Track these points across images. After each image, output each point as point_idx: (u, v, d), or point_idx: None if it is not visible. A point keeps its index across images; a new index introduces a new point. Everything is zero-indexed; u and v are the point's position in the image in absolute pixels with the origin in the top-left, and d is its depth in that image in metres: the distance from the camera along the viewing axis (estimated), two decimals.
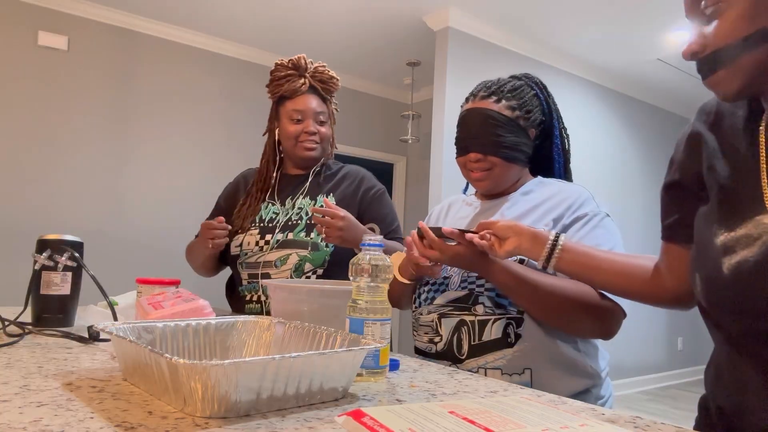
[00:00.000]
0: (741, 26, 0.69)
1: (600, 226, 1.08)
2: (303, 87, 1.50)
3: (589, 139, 4.42)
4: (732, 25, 0.70)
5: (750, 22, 0.68)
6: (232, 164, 4.06)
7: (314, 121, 1.51)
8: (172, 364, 0.56)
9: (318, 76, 1.53)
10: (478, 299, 1.07)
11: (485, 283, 1.08)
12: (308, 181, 1.55)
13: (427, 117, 4.78)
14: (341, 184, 1.55)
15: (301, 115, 1.50)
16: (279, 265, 1.44)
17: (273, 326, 0.87)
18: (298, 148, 1.52)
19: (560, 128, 1.23)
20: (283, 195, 1.56)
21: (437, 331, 1.12)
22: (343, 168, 1.61)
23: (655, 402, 4.35)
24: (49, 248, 1.13)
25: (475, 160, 1.15)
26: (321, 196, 1.51)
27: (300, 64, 1.52)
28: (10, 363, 0.77)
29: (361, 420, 0.52)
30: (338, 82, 1.56)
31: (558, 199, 1.13)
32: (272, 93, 1.54)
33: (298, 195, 1.54)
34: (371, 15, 3.64)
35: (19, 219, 3.35)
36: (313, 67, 1.54)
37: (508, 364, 1.04)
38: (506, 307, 1.05)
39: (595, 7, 3.43)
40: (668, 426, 0.61)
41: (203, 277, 1.69)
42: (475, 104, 1.17)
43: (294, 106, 1.50)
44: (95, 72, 3.63)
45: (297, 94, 1.50)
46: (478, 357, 1.05)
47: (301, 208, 1.50)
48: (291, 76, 1.51)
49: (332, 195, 1.51)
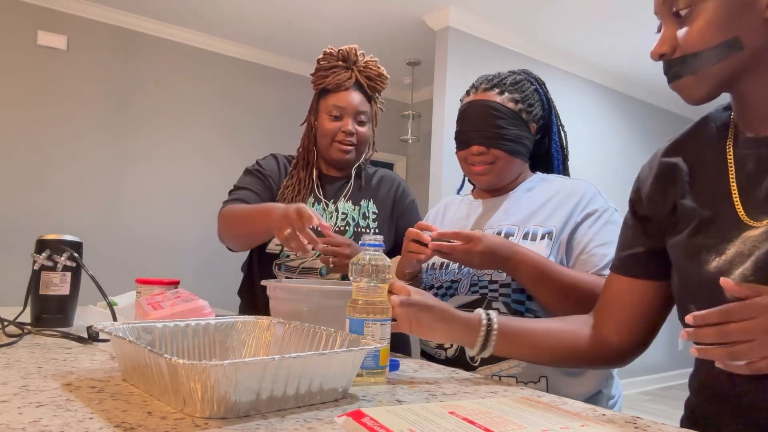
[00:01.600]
0: (712, 34, 0.69)
1: (611, 222, 1.07)
2: (348, 82, 1.40)
3: (592, 139, 4.41)
4: (703, 32, 0.69)
5: (721, 31, 0.68)
6: (232, 164, 4.05)
7: (354, 120, 1.41)
8: (172, 364, 0.56)
9: (366, 72, 1.43)
10: (492, 305, 1.05)
11: (499, 288, 1.05)
12: (350, 184, 1.48)
13: (427, 117, 4.78)
14: (380, 189, 1.50)
15: (340, 112, 1.40)
16: (325, 273, 1.36)
17: (273, 326, 0.87)
18: (333, 148, 1.42)
19: (558, 125, 1.22)
20: (326, 195, 1.47)
21: None
22: (377, 171, 1.55)
23: (655, 402, 4.35)
24: (48, 248, 1.13)
25: (477, 153, 1.13)
26: (364, 202, 1.45)
27: (350, 56, 1.41)
28: (10, 363, 0.77)
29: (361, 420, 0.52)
30: (387, 81, 1.47)
31: (564, 195, 1.11)
32: (315, 84, 1.44)
33: (340, 198, 1.46)
34: (371, 15, 3.64)
35: (18, 219, 3.35)
36: (363, 60, 1.43)
37: (523, 372, 1.02)
38: (523, 313, 1.04)
39: (595, 7, 3.43)
40: (668, 426, 0.61)
41: (231, 247, 1.40)
42: (478, 96, 1.15)
43: (335, 102, 1.40)
44: (95, 72, 3.62)
45: (340, 89, 1.40)
46: (492, 365, 1.04)
47: (346, 213, 1.43)
48: (337, 68, 1.40)
49: (371, 200, 1.46)
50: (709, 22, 0.69)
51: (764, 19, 0.66)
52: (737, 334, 0.56)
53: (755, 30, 0.67)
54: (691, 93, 0.72)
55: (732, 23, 0.68)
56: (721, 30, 0.68)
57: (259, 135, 4.19)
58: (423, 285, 1.19)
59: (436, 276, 1.16)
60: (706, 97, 0.72)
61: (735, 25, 0.68)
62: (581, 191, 1.11)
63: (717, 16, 0.68)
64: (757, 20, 0.67)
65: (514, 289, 1.04)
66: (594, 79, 4.50)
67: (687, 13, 0.71)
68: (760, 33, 0.67)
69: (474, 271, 1.09)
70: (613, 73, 4.51)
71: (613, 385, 1.11)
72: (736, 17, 0.67)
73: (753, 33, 0.67)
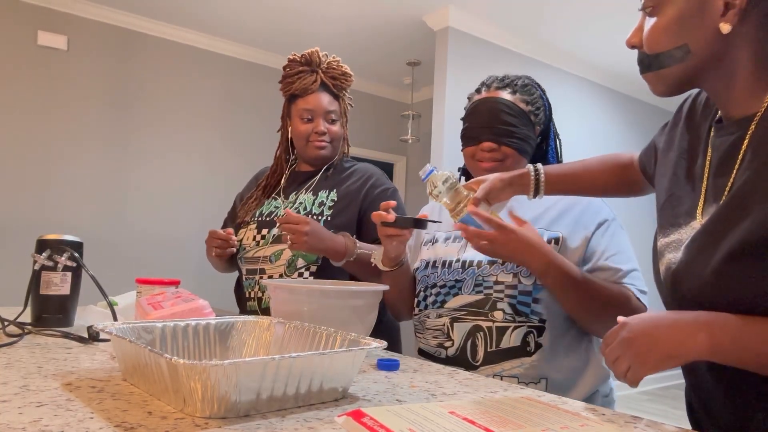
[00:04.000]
0: (664, 39, 0.70)
1: (619, 231, 1.10)
2: (314, 85, 1.48)
3: (590, 138, 4.41)
4: (656, 35, 0.71)
5: (672, 37, 0.69)
6: (232, 164, 4.06)
7: (324, 120, 1.49)
8: (172, 364, 0.56)
9: (330, 72, 1.50)
10: (497, 305, 1.05)
11: (505, 289, 1.05)
12: (316, 177, 1.54)
13: (427, 117, 4.78)
14: (347, 180, 1.53)
15: (311, 114, 1.48)
16: (274, 260, 1.43)
17: (273, 326, 0.87)
18: (308, 147, 1.51)
19: (555, 132, 1.25)
20: (288, 191, 1.56)
21: (448, 335, 1.09)
22: (354, 166, 1.59)
23: (655, 402, 4.35)
24: (48, 248, 1.13)
25: (488, 149, 1.14)
26: (323, 192, 1.49)
27: (312, 59, 1.48)
28: (10, 363, 0.77)
29: (361, 420, 0.52)
30: (351, 78, 1.53)
31: (569, 201, 1.12)
32: (284, 90, 1.52)
33: (302, 190, 1.52)
34: (371, 15, 3.64)
35: (19, 219, 3.35)
36: (326, 62, 1.50)
37: (525, 372, 1.02)
38: (528, 315, 1.03)
39: (595, 7, 3.43)
40: (668, 426, 0.61)
41: (220, 272, 1.71)
42: (490, 94, 1.17)
43: (304, 105, 1.48)
44: (95, 72, 3.62)
45: (307, 93, 1.48)
46: (494, 364, 1.04)
47: (302, 203, 1.48)
48: (302, 73, 1.48)
49: (335, 190, 1.49)
50: (662, 27, 0.70)
51: (716, 28, 0.66)
52: (609, 356, 0.68)
53: (706, 38, 0.67)
54: (654, 87, 0.75)
55: (683, 30, 0.69)
56: (672, 36, 0.69)
57: (259, 135, 4.18)
58: (424, 284, 1.19)
59: (439, 275, 1.16)
60: (668, 94, 0.74)
61: (685, 32, 0.68)
62: (586, 199, 1.12)
63: (670, 22, 0.69)
64: (708, 29, 0.67)
65: (521, 291, 1.04)
66: (594, 79, 4.50)
67: (650, 12, 0.72)
68: (712, 41, 0.67)
69: (479, 272, 1.09)
70: (613, 72, 4.51)
71: (608, 383, 1.12)
72: (688, 25, 0.68)
73: (703, 41, 0.67)
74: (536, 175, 1.01)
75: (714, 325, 0.63)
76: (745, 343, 0.61)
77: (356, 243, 1.34)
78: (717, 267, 0.65)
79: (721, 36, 0.66)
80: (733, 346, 0.62)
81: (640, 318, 0.67)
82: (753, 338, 0.61)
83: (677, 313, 0.67)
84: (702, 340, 0.62)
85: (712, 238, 0.66)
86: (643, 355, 0.64)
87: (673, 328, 0.64)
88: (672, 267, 0.73)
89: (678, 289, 0.72)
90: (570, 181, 1.02)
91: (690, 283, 0.69)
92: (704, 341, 0.62)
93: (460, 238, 1.19)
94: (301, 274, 1.41)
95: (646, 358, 0.64)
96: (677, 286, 0.72)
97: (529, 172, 1.01)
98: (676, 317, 0.66)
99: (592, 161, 1.02)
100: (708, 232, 0.67)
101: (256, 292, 1.45)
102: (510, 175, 1.02)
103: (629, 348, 0.65)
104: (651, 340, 0.64)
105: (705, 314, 0.65)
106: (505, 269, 1.06)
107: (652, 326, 0.65)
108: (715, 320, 0.63)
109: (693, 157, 0.77)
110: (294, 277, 1.41)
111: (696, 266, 0.68)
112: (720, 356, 0.62)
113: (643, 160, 0.94)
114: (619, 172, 0.99)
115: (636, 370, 0.64)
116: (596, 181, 1.01)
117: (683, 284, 0.70)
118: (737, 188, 0.65)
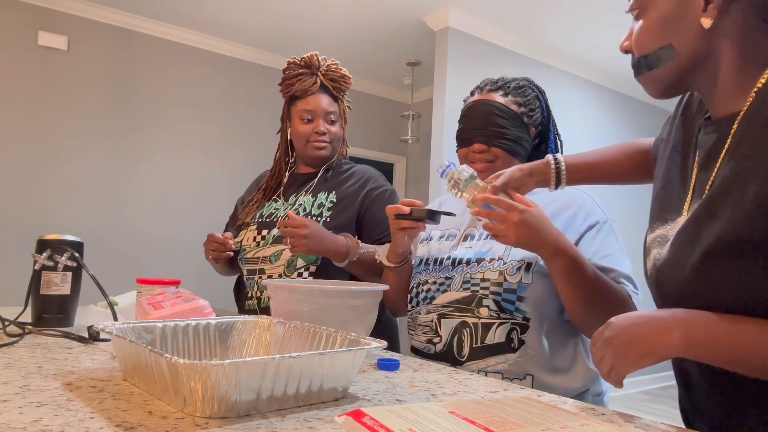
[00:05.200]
0: (648, 40, 0.71)
1: (611, 233, 1.10)
2: (314, 87, 1.50)
3: (591, 139, 4.41)
4: (642, 37, 0.71)
5: (656, 38, 0.70)
6: (233, 164, 4.06)
7: (324, 121, 1.52)
8: (172, 364, 0.56)
9: (330, 75, 1.53)
10: (483, 302, 1.06)
11: (491, 286, 1.06)
12: (315, 179, 1.55)
13: (427, 117, 4.78)
14: (346, 182, 1.54)
15: (311, 115, 1.50)
16: (273, 260, 1.45)
17: (273, 326, 0.87)
18: (308, 147, 1.52)
19: (555, 134, 1.25)
20: (288, 192, 1.57)
21: (437, 331, 1.11)
22: (353, 167, 1.60)
23: (655, 402, 4.35)
24: (49, 248, 1.13)
25: (478, 150, 1.16)
26: (323, 193, 1.51)
27: (312, 62, 1.51)
28: (10, 363, 0.77)
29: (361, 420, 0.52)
30: (350, 81, 1.56)
31: (563, 202, 1.13)
32: (284, 92, 1.55)
33: (302, 192, 1.54)
34: (371, 15, 3.64)
35: (19, 219, 3.35)
36: (326, 65, 1.53)
37: (509, 368, 1.03)
38: (512, 312, 1.04)
39: (595, 7, 3.44)
40: (668, 426, 0.61)
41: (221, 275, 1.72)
42: (482, 96, 1.19)
43: (304, 106, 1.50)
44: (95, 72, 3.63)
45: (307, 94, 1.51)
46: (479, 360, 1.05)
47: (301, 204, 1.50)
48: (302, 75, 1.51)
49: (334, 192, 1.51)
50: (647, 28, 0.71)
51: (698, 25, 0.66)
52: (595, 355, 0.70)
53: (690, 36, 0.67)
54: (648, 90, 0.75)
55: (666, 30, 0.69)
56: (656, 37, 0.70)
57: (259, 135, 4.19)
58: (416, 281, 1.20)
59: (430, 272, 1.17)
60: (662, 95, 0.74)
61: (669, 32, 0.69)
62: (579, 201, 1.12)
63: (653, 24, 0.70)
64: (691, 27, 0.67)
65: (506, 289, 1.05)
66: (594, 79, 4.50)
67: (636, 15, 0.73)
68: (696, 38, 0.67)
69: (467, 269, 1.10)
70: (613, 73, 4.52)
71: (601, 382, 1.11)
72: (671, 24, 0.68)
73: (687, 40, 0.67)
74: (557, 165, 1.01)
75: (690, 322, 0.63)
76: (719, 342, 0.61)
77: (359, 243, 1.36)
78: (695, 265, 0.65)
79: (705, 33, 0.66)
80: (707, 344, 0.62)
81: (622, 317, 0.68)
82: (727, 337, 0.61)
83: (657, 311, 0.67)
84: (676, 337, 0.62)
85: (692, 235, 0.67)
86: (623, 353, 0.65)
87: (649, 325, 0.65)
88: (657, 263, 0.73)
89: (661, 285, 0.72)
90: (590, 169, 1.02)
91: (672, 280, 0.70)
92: (678, 338, 0.62)
93: (453, 236, 1.19)
94: (301, 274, 1.42)
95: (625, 357, 0.65)
96: (661, 282, 0.72)
97: (550, 162, 1.02)
98: (653, 315, 0.66)
99: (611, 149, 1.02)
100: (689, 229, 0.68)
101: (255, 291, 1.47)
102: (530, 166, 1.02)
103: (610, 346, 0.66)
104: (629, 339, 0.65)
105: (682, 312, 0.65)
106: (492, 267, 1.07)
107: (630, 324, 0.66)
108: (690, 318, 0.63)
109: (686, 152, 0.77)
110: (293, 277, 1.42)
111: (677, 263, 0.68)
112: (693, 353, 0.62)
113: (654, 148, 0.94)
114: (639, 159, 0.99)
115: (617, 368, 0.65)
116: (617, 168, 1.01)
117: (666, 281, 0.71)
118: (715, 186, 0.65)
